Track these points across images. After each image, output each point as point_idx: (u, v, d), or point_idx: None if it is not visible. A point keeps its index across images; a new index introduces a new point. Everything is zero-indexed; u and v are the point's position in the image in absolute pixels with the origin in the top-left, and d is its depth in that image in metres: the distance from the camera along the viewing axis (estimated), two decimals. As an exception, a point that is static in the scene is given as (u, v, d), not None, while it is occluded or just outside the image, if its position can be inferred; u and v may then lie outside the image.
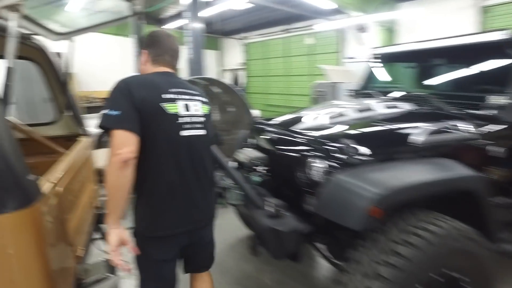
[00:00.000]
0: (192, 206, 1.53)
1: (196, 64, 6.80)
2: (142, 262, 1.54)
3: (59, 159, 1.83)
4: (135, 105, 1.36)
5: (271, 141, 2.39)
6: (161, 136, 1.43)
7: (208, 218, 1.66)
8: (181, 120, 1.47)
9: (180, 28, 12.09)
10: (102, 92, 11.14)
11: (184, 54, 12.76)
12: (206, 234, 1.69)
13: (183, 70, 13.26)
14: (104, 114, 1.34)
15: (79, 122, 2.67)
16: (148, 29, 1.90)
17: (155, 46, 1.61)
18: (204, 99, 1.65)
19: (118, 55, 11.12)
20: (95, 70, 10.89)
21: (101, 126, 1.35)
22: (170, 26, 12.37)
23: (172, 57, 1.63)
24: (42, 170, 1.54)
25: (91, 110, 10.63)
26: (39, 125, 2.68)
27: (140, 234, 1.50)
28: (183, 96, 1.52)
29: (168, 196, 1.46)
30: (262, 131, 2.55)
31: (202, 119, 1.57)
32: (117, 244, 1.36)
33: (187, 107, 1.51)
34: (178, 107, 1.47)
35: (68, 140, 2.59)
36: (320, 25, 9.57)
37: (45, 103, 2.76)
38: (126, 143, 1.31)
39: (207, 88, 2.83)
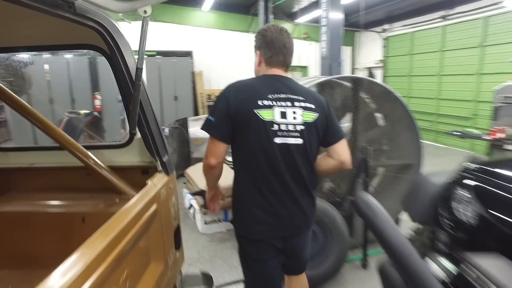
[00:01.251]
0: (283, 213, 1.54)
1: (332, 62, 5.53)
2: (243, 259, 1.70)
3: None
4: (230, 112, 1.46)
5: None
6: (254, 142, 1.47)
7: (302, 225, 1.65)
8: (275, 127, 1.47)
9: (313, 22, 11.14)
10: (228, 91, 11.18)
11: (316, 51, 12.77)
12: (300, 240, 1.69)
13: (312, 69, 12.68)
14: (207, 118, 1.51)
15: (155, 149, 1.63)
16: (278, 24, 1.71)
17: (267, 46, 1.59)
18: (309, 105, 1.56)
19: (246, 52, 10.78)
20: (222, 68, 10.82)
21: (202, 128, 1.52)
22: (301, 20, 11.40)
23: (285, 56, 1.60)
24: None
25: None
26: (105, 147, 1.92)
27: (237, 233, 1.65)
28: (282, 103, 1.50)
29: (257, 201, 1.51)
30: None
31: (300, 127, 1.52)
32: (211, 197, 1.78)
33: (284, 114, 1.49)
34: (273, 114, 1.47)
35: (138, 173, 1.74)
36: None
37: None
38: (214, 151, 1.50)
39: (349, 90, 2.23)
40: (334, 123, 1.63)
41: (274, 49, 1.56)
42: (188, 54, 9.48)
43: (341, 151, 1.60)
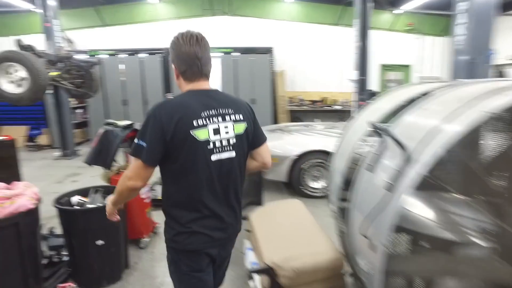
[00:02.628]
0: (222, 224, 1.56)
1: (474, 56, 3.76)
2: (177, 275, 1.62)
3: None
4: (164, 135, 1.38)
5: None
6: (190, 161, 1.44)
7: (235, 232, 1.69)
8: (211, 145, 1.46)
9: (418, 10, 8.93)
10: (312, 94, 9.82)
11: (424, 46, 10.67)
12: (230, 248, 1.74)
13: (417, 68, 10.45)
14: (136, 144, 1.42)
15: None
16: (376, 14, 0.39)
17: (179, 59, 1.47)
18: (239, 117, 1.54)
19: (336, 48, 9.20)
20: (307, 67, 9.44)
21: (132, 154, 1.44)
22: (407, 7, 9.32)
23: (200, 68, 1.47)
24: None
25: (297, 115, 9.87)
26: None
27: (172, 248, 1.58)
28: (215, 119, 1.47)
29: (201, 216, 1.51)
30: None
31: (233, 140, 1.52)
32: (111, 211, 1.67)
33: (217, 131, 1.47)
34: (208, 132, 1.45)
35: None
36: None
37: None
38: (143, 176, 1.43)
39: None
40: (258, 127, 1.66)
41: (187, 62, 1.45)
42: (268, 51, 8.31)
43: (264, 153, 1.68)
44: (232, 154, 1.52)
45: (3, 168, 3.49)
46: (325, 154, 4.29)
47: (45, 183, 5.44)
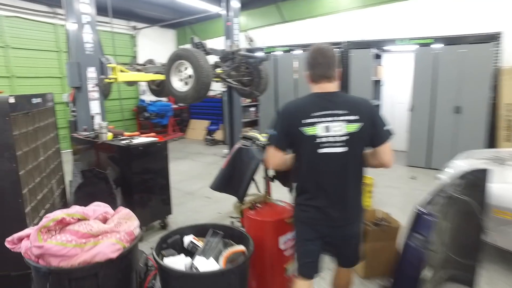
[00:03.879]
0: (330, 208, 1.78)
1: None
2: (295, 240, 1.95)
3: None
4: (285, 127, 1.76)
5: None
6: (304, 152, 1.76)
7: (348, 219, 1.84)
8: (318, 140, 1.70)
9: None
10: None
11: None
12: (348, 232, 1.88)
13: None
14: (269, 133, 1.81)
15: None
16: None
17: (309, 64, 1.79)
18: (353, 117, 1.71)
19: None
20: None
21: (267, 140, 1.84)
22: None
23: (324, 70, 1.75)
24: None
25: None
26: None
27: (293, 217, 1.95)
28: (325, 119, 1.70)
29: (311, 196, 1.81)
30: None
31: (345, 137, 1.70)
32: None
33: (327, 129, 1.70)
34: (316, 130, 1.70)
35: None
36: None
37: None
38: (273, 157, 1.82)
39: None
40: (379, 128, 1.76)
41: (316, 67, 1.76)
42: (491, 38, 5.71)
43: (383, 154, 1.77)
44: (341, 149, 1.71)
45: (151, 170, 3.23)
46: None
47: (199, 186, 5.40)
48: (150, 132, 9.97)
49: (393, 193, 4.99)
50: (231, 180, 2.36)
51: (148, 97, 9.34)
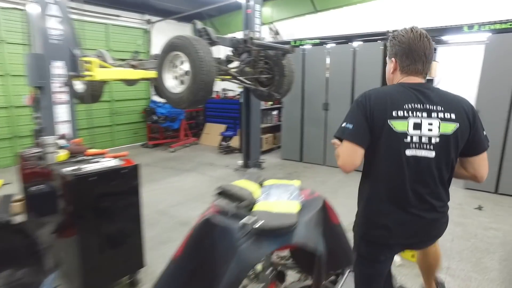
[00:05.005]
0: (408, 225, 1.48)
1: None
2: (356, 258, 1.64)
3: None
4: (367, 119, 1.43)
5: None
6: (386, 152, 1.44)
7: (427, 240, 1.63)
8: (408, 139, 1.42)
9: None
10: None
11: None
12: (426, 243, 1.68)
13: None
14: (341, 127, 1.48)
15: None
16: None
17: (405, 54, 1.50)
18: (448, 116, 1.43)
19: None
20: None
21: (336, 136, 1.51)
22: None
23: (424, 65, 1.51)
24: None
25: None
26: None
27: (356, 231, 1.62)
28: (418, 113, 1.42)
29: (383, 207, 1.48)
30: None
31: (436, 139, 1.43)
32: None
33: (418, 126, 1.42)
34: (407, 125, 1.41)
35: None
36: None
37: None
38: (351, 155, 1.44)
39: None
40: (477, 134, 1.49)
41: (412, 57, 1.49)
42: None
43: (478, 166, 1.52)
44: (431, 154, 1.43)
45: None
46: None
47: (199, 212, 4.08)
48: (160, 138, 9.34)
49: (455, 233, 3.60)
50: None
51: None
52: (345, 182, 5.37)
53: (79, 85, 5.00)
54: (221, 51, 4.40)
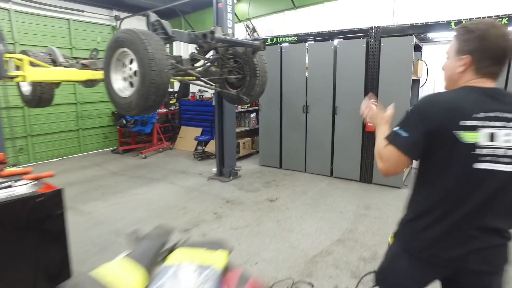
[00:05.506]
0: (462, 245, 1.30)
1: None
2: (386, 272, 1.52)
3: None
4: (426, 128, 1.26)
5: None
6: (450, 165, 1.27)
7: (488, 268, 1.33)
8: (477, 151, 1.23)
9: None
10: None
11: None
12: (488, 282, 1.37)
13: None
14: (394, 131, 1.34)
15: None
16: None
17: (485, 52, 1.26)
18: None
19: None
20: None
21: (386, 138, 1.36)
22: None
23: (502, 68, 1.30)
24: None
25: None
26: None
27: (397, 243, 1.47)
28: (492, 123, 1.23)
29: (438, 226, 1.32)
30: None
31: None
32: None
33: (492, 137, 1.23)
34: (478, 136, 1.23)
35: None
36: None
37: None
38: (398, 164, 1.33)
39: None
40: None
41: (495, 58, 1.26)
42: None
43: None
44: (508, 168, 1.24)
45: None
46: None
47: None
48: (132, 143, 8.66)
49: None
50: None
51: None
52: (327, 192, 4.93)
53: (25, 87, 4.40)
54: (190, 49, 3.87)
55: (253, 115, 7.17)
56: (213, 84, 3.87)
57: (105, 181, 5.75)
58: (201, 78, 3.49)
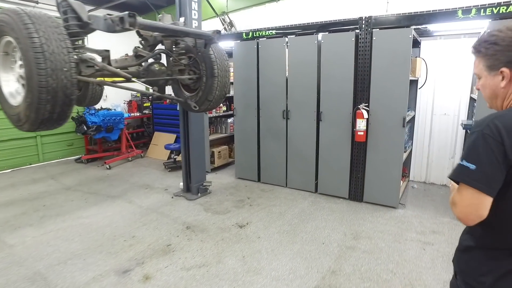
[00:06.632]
0: None
1: None
2: None
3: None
4: (504, 158, 1.04)
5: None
6: None
7: None
8: None
9: None
10: None
11: None
12: None
13: None
14: (459, 164, 1.13)
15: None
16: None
17: None
18: None
19: None
20: None
21: (450, 177, 1.16)
22: None
23: None
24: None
25: None
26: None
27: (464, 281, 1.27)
28: None
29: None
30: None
31: None
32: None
33: None
34: None
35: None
36: None
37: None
38: (474, 206, 1.09)
39: None
40: None
41: None
42: None
43: None
44: None
45: None
46: None
47: (93, 275, 2.88)
48: (99, 151, 7.59)
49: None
50: None
51: (101, 103, 6.89)
52: (309, 214, 4.13)
53: None
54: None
55: (230, 120, 6.36)
56: (149, 86, 3.05)
57: (52, 198, 4.91)
58: (138, 79, 2.67)
